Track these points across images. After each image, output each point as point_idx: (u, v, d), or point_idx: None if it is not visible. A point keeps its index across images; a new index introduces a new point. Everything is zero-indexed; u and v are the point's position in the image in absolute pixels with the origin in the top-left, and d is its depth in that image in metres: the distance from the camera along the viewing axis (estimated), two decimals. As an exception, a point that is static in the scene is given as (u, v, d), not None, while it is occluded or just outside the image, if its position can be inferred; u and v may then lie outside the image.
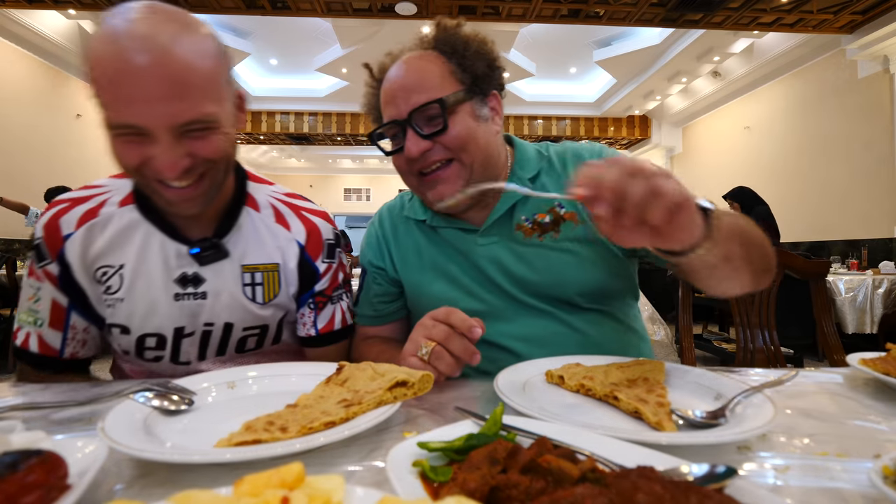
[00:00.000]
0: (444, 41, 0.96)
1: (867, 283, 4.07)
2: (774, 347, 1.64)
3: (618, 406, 0.63)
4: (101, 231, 0.91)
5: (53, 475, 0.37)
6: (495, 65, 0.98)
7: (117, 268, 0.91)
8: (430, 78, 0.92)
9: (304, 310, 1.04)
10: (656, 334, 3.70)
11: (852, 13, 5.43)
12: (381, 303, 1.10)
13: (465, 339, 0.75)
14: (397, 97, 0.92)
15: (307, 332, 1.04)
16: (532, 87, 9.49)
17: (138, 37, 0.71)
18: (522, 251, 0.98)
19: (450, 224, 1.03)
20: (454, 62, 0.94)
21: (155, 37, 0.72)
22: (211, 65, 0.78)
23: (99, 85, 0.73)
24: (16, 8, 5.53)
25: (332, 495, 0.33)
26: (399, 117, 0.92)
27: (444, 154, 0.93)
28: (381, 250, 1.11)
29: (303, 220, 1.02)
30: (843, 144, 6.24)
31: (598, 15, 5.66)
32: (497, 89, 1.00)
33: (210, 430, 0.56)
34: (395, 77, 0.94)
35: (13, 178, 6.13)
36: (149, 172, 0.78)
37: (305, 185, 15.05)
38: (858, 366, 0.78)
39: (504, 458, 0.40)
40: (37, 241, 0.91)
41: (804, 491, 0.44)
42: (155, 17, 0.73)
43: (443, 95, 0.90)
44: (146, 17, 0.73)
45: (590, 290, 0.97)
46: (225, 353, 0.99)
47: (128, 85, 0.71)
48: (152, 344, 0.95)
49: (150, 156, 0.76)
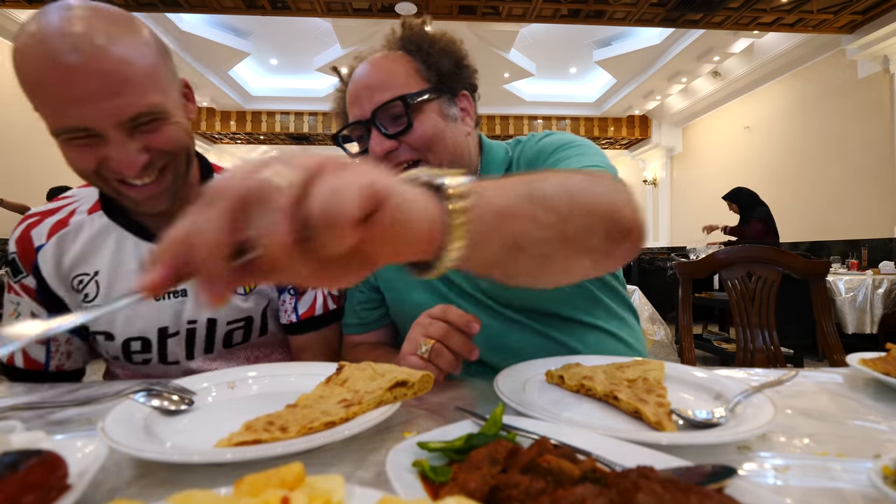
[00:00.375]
0: (410, 40, 0.93)
1: (867, 283, 4.07)
2: (774, 347, 1.64)
3: (618, 406, 0.63)
4: (73, 240, 0.91)
5: (53, 475, 0.37)
6: (463, 63, 0.95)
7: (92, 275, 0.91)
8: (394, 76, 0.89)
9: (285, 296, 1.03)
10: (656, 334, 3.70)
11: (852, 13, 5.43)
12: (365, 310, 1.08)
13: (463, 335, 0.75)
14: (361, 97, 0.90)
15: (288, 319, 1.03)
16: (532, 87, 9.49)
17: (68, 35, 0.68)
18: None
19: None
20: (419, 60, 0.92)
21: (85, 34, 0.69)
22: (148, 55, 0.75)
23: (35, 92, 0.71)
24: (16, 8, 5.53)
25: (332, 495, 0.33)
26: (363, 117, 0.89)
27: (411, 154, 0.90)
28: None
29: None
30: (843, 144, 6.24)
31: (598, 15, 5.66)
32: (468, 90, 0.98)
33: (210, 430, 0.56)
34: (360, 77, 0.91)
35: (13, 178, 6.13)
36: (108, 174, 0.76)
37: (305, 185, 15.04)
38: (858, 366, 0.78)
39: (504, 458, 0.40)
40: (11, 256, 0.92)
41: (804, 491, 0.44)
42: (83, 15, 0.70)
43: (407, 93, 0.87)
44: (73, 15, 0.70)
45: (556, 295, 0.93)
46: (213, 350, 0.99)
47: (65, 86, 0.68)
48: (138, 347, 0.94)
49: (105, 156, 0.74)
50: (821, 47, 6.43)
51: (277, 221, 0.31)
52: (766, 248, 1.69)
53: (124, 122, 0.73)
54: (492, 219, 0.44)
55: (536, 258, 0.49)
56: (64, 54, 0.67)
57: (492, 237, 0.44)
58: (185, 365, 0.98)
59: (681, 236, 9.83)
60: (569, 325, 0.96)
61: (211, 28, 7.23)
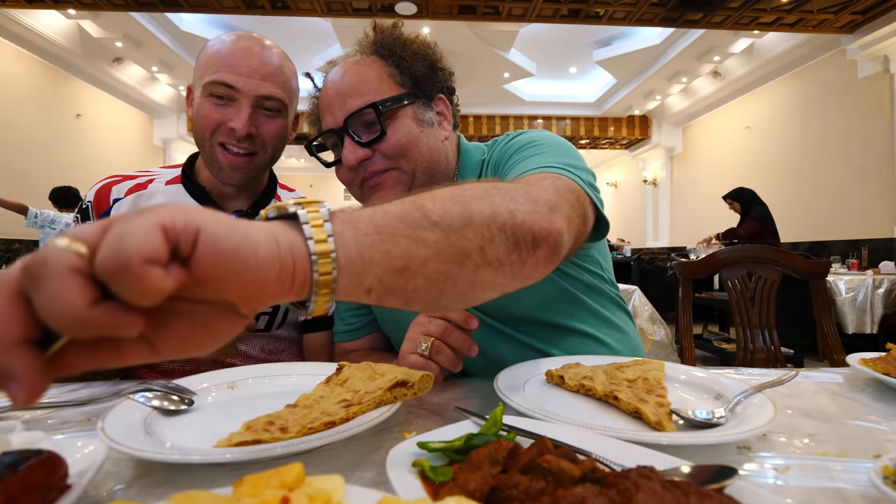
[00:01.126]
0: (383, 44, 0.91)
1: (867, 283, 4.07)
2: (774, 347, 1.64)
3: (618, 406, 0.63)
4: (147, 201, 1.04)
5: (53, 475, 0.37)
6: (437, 66, 0.94)
7: None
8: (366, 82, 0.87)
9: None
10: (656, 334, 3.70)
11: (852, 13, 5.43)
12: (353, 316, 1.08)
13: (462, 331, 0.75)
14: (333, 104, 0.88)
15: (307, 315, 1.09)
16: (532, 87, 9.49)
17: (259, 40, 1.00)
18: None
19: None
20: (392, 65, 0.90)
21: (263, 40, 1.01)
22: (292, 71, 1.04)
23: (214, 59, 0.96)
24: (16, 8, 5.52)
25: (332, 495, 0.33)
26: (335, 125, 0.88)
27: (385, 164, 0.88)
28: None
29: None
30: (843, 144, 6.23)
31: (598, 15, 5.66)
32: (444, 93, 0.96)
33: (210, 430, 0.56)
34: (332, 83, 0.90)
35: (13, 177, 6.13)
36: (220, 132, 0.96)
37: (305, 185, 15.04)
38: (858, 366, 0.78)
39: (504, 458, 0.40)
40: (85, 205, 1.04)
41: (804, 491, 0.44)
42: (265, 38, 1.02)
43: (379, 99, 0.85)
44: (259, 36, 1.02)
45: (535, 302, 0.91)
46: None
47: (240, 58, 0.95)
48: None
49: (228, 118, 0.95)
50: (821, 47, 6.43)
51: (61, 286, 0.27)
52: (767, 248, 1.69)
53: (258, 97, 0.96)
54: (361, 240, 0.41)
55: (430, 278, 0.45)
56: (250, 43, 0.98)
57: (367, 260, 0.40)
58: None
59: (681, 236, 9.83)
60: (551, 332, 0.94)
61: (211, 28, 7.23)
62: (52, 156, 6.81)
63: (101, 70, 7.43)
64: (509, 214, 0.50)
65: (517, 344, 0.94)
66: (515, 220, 0.50)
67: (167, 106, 9.19)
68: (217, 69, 0.94)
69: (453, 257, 0.46)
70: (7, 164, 6.05)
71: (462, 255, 0.46)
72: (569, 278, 0.94)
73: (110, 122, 8.18)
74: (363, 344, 1.09)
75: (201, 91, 0.96)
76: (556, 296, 0.93)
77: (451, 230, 0.46)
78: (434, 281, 0.45)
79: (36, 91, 6.52)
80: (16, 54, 6.15)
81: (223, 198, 1.07)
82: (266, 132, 0.99)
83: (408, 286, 0.44)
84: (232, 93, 0.95)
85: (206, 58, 0.97)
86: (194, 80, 1.00)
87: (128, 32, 6.58)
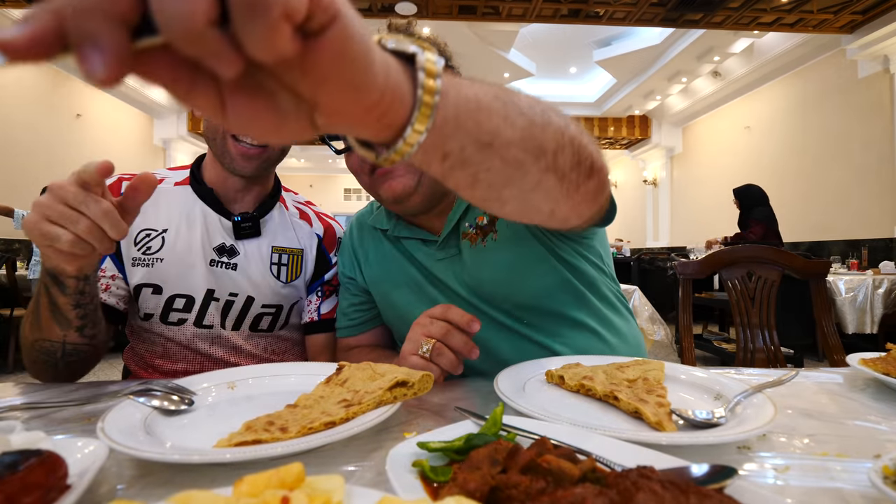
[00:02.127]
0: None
1: (867, 283, 4.07)
2: (774, 347, 1.64)
3: (618, 406, 0.63)
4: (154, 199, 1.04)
5: (53, 475, 0.37)
6: (447, 64, 0.95)
7: (160, 231, 1.03)
8: None
9: (312, 297, 1.15)
10: (656, 334, 3.70)
11: (852, 13, 5.43)
12: (356, 312, 1.09)
13: (463, 334, 0.75)
14: None
15: (310, 317, 1.14)
16: (532, 87, 9.49)
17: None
18: (473, 261, 0.95)
19: (411, 234, 1.01)
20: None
21: None
22: None
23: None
24: (16, 8, 5.53)
25: (332, 495, 0.33)
26: None
27: None
28: (351, 260, 1.11)
29: (321, 219, 1.20)
30: (843, 144, 6.24)
31: (598, 15, 5.66)
32: None
33: (210, 430, 0.56)
34: None
35: (13, 177, 6.13)
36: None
37: (305, 185, 15.04)
38: (858, 366, 0.78)
39: (504, 458, 0.40)
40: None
41: (804, 491, 0.44)
42: None
43: None
44: None
45: (537, 292, 0.93)
46: (241, 327, 1.08)
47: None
48: (180, 305, 1.03)
49: None
50: (821, 47, 6.43)
51: None
52: (767, 248, 1.69)
53: None
54: (461, 104, 0.40)
55: (506, 162, 0.45)
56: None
57: (460, 125, 0.40)
58: (218, 331, 1.06)
59: (681, 236, 9.83)
60: (553, 323, 0.95)
61: (211, 28, 7.23)
62: (52, 156, 6.81)
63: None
64: (577, 134, 0.53)
65: (518, 337, 0.95)
66: (581, 140, 0.54)
67: (167, 106, 9.19)
68: None
69: (532, 149, 0.47)
70: (7, 164, 6.05)
71: (539, 150, 0.48)
72: (571, 269, 0.96)
73: (110, 122, 8.19)
74: (366, 339, 1.10)
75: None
76: (558, 286, 0.95)
77: (534, 124, 0.47)
78: (509, 167, 0.46)
79: (36, 91, 6.52)
80: (16, 54, 6.15)
81: (230, 200, 1.08)
82: None
83: (483, 164, 0.44)
84: None
85: None
86: None
87: (128, 32, 6.58)
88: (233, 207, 1.08)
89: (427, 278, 1.00)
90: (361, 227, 1.12)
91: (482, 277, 0.94)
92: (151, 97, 8.72)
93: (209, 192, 1.06)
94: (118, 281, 1.04)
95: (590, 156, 0.55)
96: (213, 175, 1.07)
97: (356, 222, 1.15)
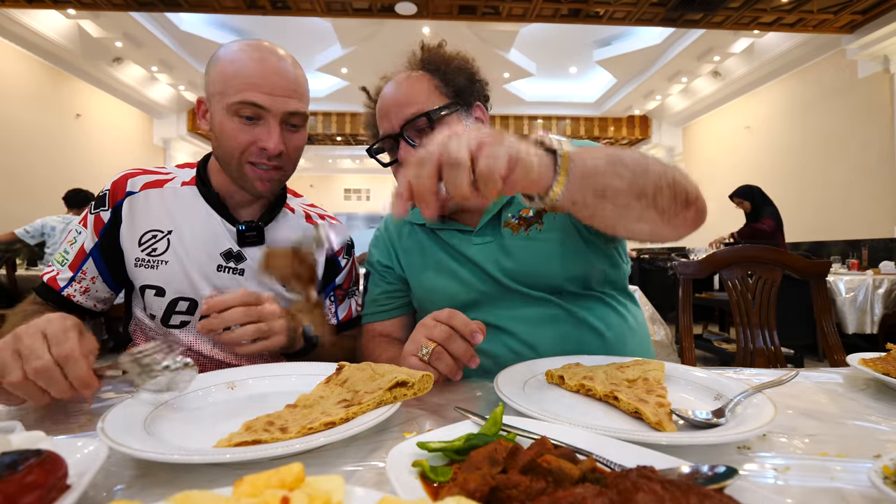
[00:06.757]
0: (429, 60, 1.06)
1: (867, 283, 4.06)
2: (774, 347, 1.64)
3: (618, 406, 0.63)
4: (160, 199, 1.05)
5: (53, 475, 0.37)
6: (475, 78, 1.08)
7: (166, 232, 1.03)
8: (418, 93, 1.01)
9: (326, 302, 1.17)
10: (656, 334, 3.70)
11: (852, 13, 5.43)
12: (388, 299, 1.15)
13: (465, 341, 0.75)
14: (390, 112, 1.01)
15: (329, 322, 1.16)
16: (532, 87, 9.49)
17: (274, 50, 0.98)
18: (512, 246, 1.02)
19: (447, 226, 1.08)
20: (438, 78, 1.03)
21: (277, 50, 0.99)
22: (305, 81, 1.02)
23: (234, 74, 0.94)
24: (16, 8, 5.52)
25: (332, 495, 0.33)
26: (392, 131, 1.01)
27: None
28: (388, 252, 1.17)
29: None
30: (843, 144, 6.23)
31: (598, 15, 5.66)
32: (481, 101, 1.10)
33: (210, 430, 0.56)
34: (388, 95, 1.04)
35: (13, 177, 6.13)
36: (248, 154, 0.97)
37: (306, 185, 15.03)
38: (858, 366, 0.78)
39: (504, 458, 0.40)
40: (103, 192, 1.05)
41: (804, 491, 0.44)
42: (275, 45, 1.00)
43: (430, 108, 0.98)
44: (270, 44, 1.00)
45: (574, 276, 1.01)
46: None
47: (265, 76, 0.94)
48: (183, 308, 1.03)
49: (258, 138, 0.95)
50: (821, 47, 6.43)
51: (463, 176, 0.56)
52: (767, 247, 1.68)
53: (285, 113, 0.96)
54: (584, 169, 0.64)
55: (616, 206, 0.68)
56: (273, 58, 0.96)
57: (582, 185, 0.64)
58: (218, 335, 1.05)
59: (681, 236, 9.81)
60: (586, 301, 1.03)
61: (211, 28, 7.23)
62: (52, 155, 6.81)
63: (100, 70, 7.43)
64: (674, 178, 0.72)
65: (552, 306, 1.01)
66: (678, 182, 0.73)
67: (167, 106, 9.19)
68: (241, 89, 0.93)
69: (635, 194, 0.68)
70: (7, 164, 6.05)
71: (641, 195, 0.69)
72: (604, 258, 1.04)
73: (110, 122, 8.18)
74: (387, 327, 1.14)
75: (226, 109, 0.95)
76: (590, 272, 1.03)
77: (636, 174, 0.68)
78: (619, 208, 0.69)
79: (36, 91, 6.52)
80: (16, 54, 6.15)
81: (236, 206, 1.08)
82: (292, 146, 1.01)
83: (599, 206, 0.68)
84: (260, 112, 0.94)
85: (225, 74, 0.95)
86: (209, 93, 0.98)
87: (127, 32, 6.58)
88: (239, 214, 1.08)
89: (460, 262, 1.07)
90: (396, 222, 1.20)
91: (522, 261, 1.01)
92: (151, 97, 8.72)
93: (216, 196, 1.06)
94: (98, 283, 1.04)
95: (684, 191, 0.73)
96: (221, 182, 1.06)
97: (390, 218, 1.20)
